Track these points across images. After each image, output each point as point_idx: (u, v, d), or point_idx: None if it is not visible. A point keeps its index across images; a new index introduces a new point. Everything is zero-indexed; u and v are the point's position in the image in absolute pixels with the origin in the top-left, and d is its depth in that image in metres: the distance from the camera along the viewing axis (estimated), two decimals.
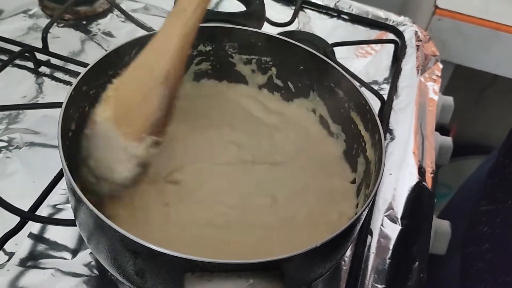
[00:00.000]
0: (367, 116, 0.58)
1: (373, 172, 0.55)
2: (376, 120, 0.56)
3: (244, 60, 0.67)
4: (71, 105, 0.52)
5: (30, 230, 0.58)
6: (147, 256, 0.43)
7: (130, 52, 0.59)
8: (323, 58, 0.63)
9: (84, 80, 0.55)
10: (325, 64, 0.63)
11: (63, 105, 0.51)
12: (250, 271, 0.41)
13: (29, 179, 0.64)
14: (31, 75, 0.77)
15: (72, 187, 0.45)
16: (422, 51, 0.92)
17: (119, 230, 0.42)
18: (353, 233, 0.52)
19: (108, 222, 0.42)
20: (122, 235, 0.42)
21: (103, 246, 0.47)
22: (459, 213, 0.87)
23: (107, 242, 0.45)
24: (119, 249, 0.44)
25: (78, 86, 0.54)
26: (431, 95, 0.85)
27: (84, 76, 0.54)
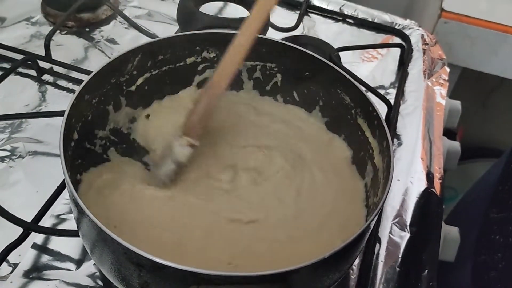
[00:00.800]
0: (375, 123, 0.57)
1: (381, 180, 0.54)
2: (384, 127, 0.55)
3: (249, 67, 0.66)
4: (74, 115, 0.52)
5: (34, 241, 0.58)
6: (152, 268, 0.42)
7: (133, 60, 0.59)
8: (329, 64, 0.62)
9: (86, 89, 0.54)
10: (331, 70, 0.62)
11: (65, 114, 0.50)
12: (257, 283, 0.41)
13: (32, 189, 0.63)
14: (34, 83, 0.76)
15: (75, 198, 0.44)
16: (429, 55, 0.91)
17: (122, 242, 0.41)
18: (361, 243, 0.51)
19: (111, 235, 0.41)
20: (125, 248, 0.41)
21: (106, 258, 0.46)
22: (468, 219, 0.85)
23: (111, 254, 0.44)
24: (123, 262, 0.44)
25: (81, 95, 0.53)
26: (438, 99, 0.84)
27: (86, 85, 0.54)
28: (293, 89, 0.67)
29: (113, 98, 0.59)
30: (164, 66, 0.63)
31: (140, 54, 0.59)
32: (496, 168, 0.87)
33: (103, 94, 0.57)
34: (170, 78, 0.64)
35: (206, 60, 0.65)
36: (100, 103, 0.57)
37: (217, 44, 0.64)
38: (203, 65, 0.65)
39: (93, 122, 0.57)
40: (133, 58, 0.59)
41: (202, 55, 0.65)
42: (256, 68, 0.66)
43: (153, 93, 0.64)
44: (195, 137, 0.56)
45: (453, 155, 0.83)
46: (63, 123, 0.49)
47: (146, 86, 0.62)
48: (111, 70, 0.57)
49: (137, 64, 0.60)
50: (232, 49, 0.56)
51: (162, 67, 0.63)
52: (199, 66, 0.65)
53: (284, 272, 0.41)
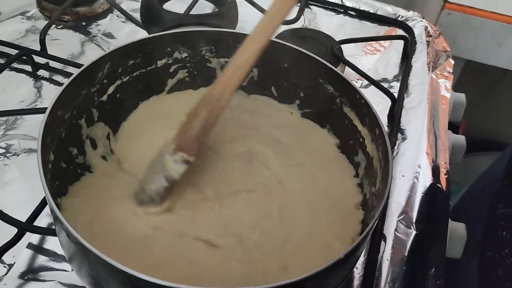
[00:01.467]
0: (363, 111, 0.56)
1: (378, 169, 0.53)
2: (375, 114, 0.53)
3: (223, 64, 0.64)
4: (47, 134, 0.49)
5: (29, 241, 0.56)
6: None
7: (103, 68, 0.57)
8: (308, 54, 0.60)
9: (58, 104, 0.51)
10: (310, 59, 0.60)
11: (40, 135, 0.47)
12: None
13: (27, 187, 0.62)
14: (29, 79, 0.75)
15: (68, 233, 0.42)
16: (433, 47, 0.89)
17: (127, 270, 0.39)
18: (366, 241, 0.50)
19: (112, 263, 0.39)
20: (132, 276, 0.39)
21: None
22: (473, 214, 0.84)
23: (114, 283, 0.42)
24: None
25: (53, 112, 0.50)
26: (443, 92, 0.82)
27: (58, 99, 0.50)
28: (271, 83, 0.65)
29: (85, 111, 0.57)
30: (135, 71, 0.61)
31: (110, 61, 0.57)
32: (501, 162, 0.85)
33: (76, 107, 0.54)
34: (142, 83, 0.62)
35: (177, 61, 0.63)
36: (73, 117, 0.55)
37: (188, 43, 0.62)
38: (175, 66, 0.64)
39: (67, 139, 0.54)
40: (103, 66, 0.57)
41: (173, 56, 0.63)
42: None
43: (125, 102, 0.62)
44: (191, 153, 0.52)
45: (458, 149, 0.81)
46: (39, 144, 0.47)
47: (117, 95, 0.60)
48: (82, 81, 0.55)
49: (107, 72, 0.57)
50: (238, 59, 0.52)
51: (133, 73, 0.60)
52: (171, 67, 0.64)
53: (297, 281, 0.39)
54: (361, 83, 0.80)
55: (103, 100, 0.59)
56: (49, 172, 0.49)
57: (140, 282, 0.39)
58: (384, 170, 0.50)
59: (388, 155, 0.49)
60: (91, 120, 0.58)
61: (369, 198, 0.55)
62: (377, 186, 0.52)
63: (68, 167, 0.55)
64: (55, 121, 0.51)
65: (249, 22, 0.87)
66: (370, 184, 0.55)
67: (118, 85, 0.60)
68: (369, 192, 0.55)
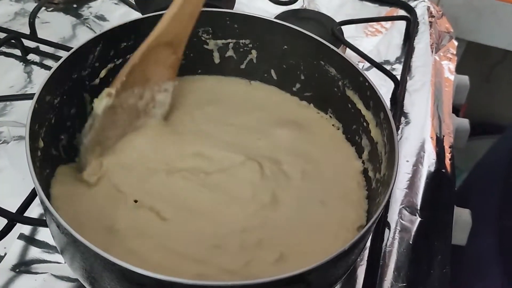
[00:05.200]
0: (367, 94, 0.54)
1: (383, 154, 0.51)
2: (380, 97, 0.51)
3: (220, 46, 0.62)
4: (36, 121, 0.47)
5: (21, 231, 0.55)
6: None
7: (94, 51, 0.55)
8: (308, 35, 0.58)
9: (46, 89, 0.49)
10: (311, 40, 0.58)
11: (27, 122, 0.45)
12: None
13: (18, 176, 0.60)
14: (19, 64, 0.73)
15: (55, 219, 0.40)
16: (436, 28, 0.87)
17: (121, 263, 0.37)
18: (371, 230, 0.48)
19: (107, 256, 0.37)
20: (125, 269, 0.37)
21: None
22: (483, 190, 0.83)
23: (107, 276, 0.40)
24: (117, 281, 0.40)
25: (41, 97, 0.48)
26: (447, 74, 0.81)
27: (46, 84, 0.49)
28: (270, 66, 0.63)
29: (77, 96, 0.55)
30: (128, 54, 0.58)
31: (101, 43, 0.55)
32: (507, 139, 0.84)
33: (65, 92, 0.52)
34: None
35: None
36: (63, 102, 0.52)
37: None
38: None
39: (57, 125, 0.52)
40: (94, 49, 0.54)
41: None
42: (229, 46, 0.62)
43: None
44: (113, 85, 0.52)
45: (462, 133, 0.80)
46: (27, 131, 0.45)
47: (110, 78, 0.57)
48: (71, 65, 0.52)
49: (98, 55, 0.55)
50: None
51: (126, 56, 0.58)
52: None
53: (303, 273, 0.38)
54: (362, 66, 0.78)
55: (95, 84, 0.57)
56: (39, 160, 0.47)
57: (135, 276, 0.37)
58: (390, 155, 0.48)
59: (394, 140, 0.47)
60: (83, 105, 0.56)
61: (373, 185, 0.53)
62: (382, 172, 0.50)
63: (59, 154, 0.53)
64: (44, 106, 0.49)
65: (248, 4, 0.86)
66: (374, 170, 0.53)
67: (110, 68, 0.57)
68: (373, 178, 0.53)
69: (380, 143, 0.52)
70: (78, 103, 0.55)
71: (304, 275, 0.38)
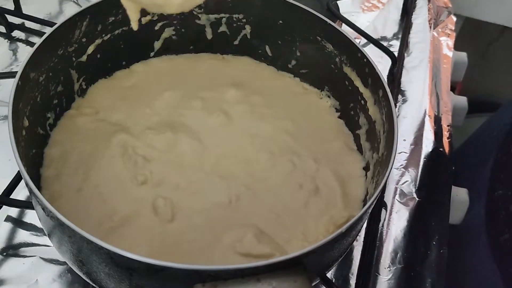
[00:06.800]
0: (365, 70, 0.52)
1: (381, 134, 0.50)
2: (378, 74, 0.50)
3: (213, 20, 0.60)
4: (19, 99, 0.45)
5: (8, 213, 0.53)
6: (145, 272, 0.37)
7: (80, 26, 0.53)
8: (304, 8, 0.56)
9: (31, 66, 0.47)
10: (307, 14, 0.56)
11: (10, 100, 0.44)
12: (270, 272, 0.36)
13: (4, 157, 0.57)
14: (3, 41, 0.71)
15: (31, 189, 0.39)
16: (434, 3, 0.85)
17: (109, 248, 0.36)
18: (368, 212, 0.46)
19: (97, 241, 0.36)
20: (112, 252, 0.36)
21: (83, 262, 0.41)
22: (478, 158, 0.82)
23: (95, 260, 0.39)
24: (109, 267, 0.38)
25: (25, 74, 0.46)
26: (445, 51, 0.79)
27: (29, 61, 0.47)
28: (265, 41, 0.61)
29: (63, 73, 0.53)
30: (116, 29, 0.56)
31: (88, 17, 0.53)
32: (510, 107, 0.84)
33: (51, 69, 0.51)
34: (126, 42, 0.58)
35: (163, 18, 0.59)
36: (49, 80, 0.51)
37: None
38: (161, 24, 0.60)
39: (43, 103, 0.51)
40: (80, 24, 0.52)
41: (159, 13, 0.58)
42: (222, 21, 0.60)
43: (108, 63, 0.58)
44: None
45: (460, 111, 0.78)
46: (10, 109, 0.43)
47: (98, 55, 0.56)
48: (56, 40, 0.51)
49: (85, 30, 0.53)
50: None
51: (114, 31, 0.56)
52: (156, 25, 0.59)
53: (299, 256, 0.37)
54: (359, 42, 0.75)
55: (82, 61, 0.55)
56: (24, 139, 0.46)
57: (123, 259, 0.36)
58: (389, 134, 0.47)
59: (393, 118, 0.46)
60: (70, 82, 0.54)
61: (371, 164, 0.52)
62: (380, 152, 0.49)
63: (46, 133, 0.52)
64: (28, 84, 0.47)
65: None
66: (372, 150, 0.52)
67: (98, 44, 0.56)
68: (371, 158, 0.52)
69: (378, 121, 0.51)
70: (64, 80, 0.54)
71: (300, 258, 0.37)
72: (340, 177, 0.52)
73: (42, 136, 0.51)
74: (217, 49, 0.63)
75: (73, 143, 0.53)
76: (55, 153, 0.52)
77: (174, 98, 0.58)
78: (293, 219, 0.49)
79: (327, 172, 0.52)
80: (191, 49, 0.62)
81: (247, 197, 0.50)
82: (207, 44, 0.62)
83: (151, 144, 0.53)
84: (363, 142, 0.54)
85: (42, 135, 0.51)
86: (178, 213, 0.48)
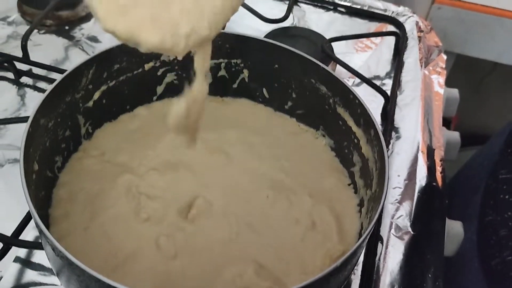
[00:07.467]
0: (358, 111, 0.55)
1: (374, 171, 0.52)
2: (369, 115, 0.52)
3: (212, 65, 0.63)
4: (30, 144, 0.48)
5: (16, 254, 0.55)
6: None
7: (87, 74, 0.55)
8: (298, 53, 0.59)
9: (41, 113, 0.50)
10: (301, 59, 0.59)
11: (22, 145, 0.46)
12: None
13: (13, 200, 0.60)
14: (12, 86, 0.73)
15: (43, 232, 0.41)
16: (425, 43, 0.87)
17: (117, 285, 0.37)
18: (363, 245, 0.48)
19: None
20: None
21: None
22: (470, 187, 0.84)
23: None
24: None
25: (35, 121, 0.49)
26: (437, 88, 0.81)
27: (40, 108, 0.49)
28: (262, 85, 0.64)
29: (71, 118, 0.56)
30: (121, 75, 0.59)
31: (94, 65, 0.55)
32: (500, 136, 0.86)
33: (59, 115, 0.53)
34: (130, 88, 0.61)
35: (165, 64, 0.62)
36: (57, 125, 0.53)
37: None
38: (163, 70, 0.62)
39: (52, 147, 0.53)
40: (87, 71, 0.55)
41: (161, 59, 0.61)
42: (221, 66, 0.63)
43: (113, 107, 0.61)
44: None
45: (452, 146, 0.80)
46: (22, 154, 0.45)
47: (104, 100, 0.59)
48: (65, 88, 0.53)
49: (91, 77, 0.56)
50: None
51: (119, 77, 0.59)
52: (159, 71, 0.62)
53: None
54: (353, 81, 0.78)
55: (89, 106, 0.58)
56: (33, 183, 0.48)
57: None
58: (381, 172, 0.49)
59: (384, 157, 0.48)
60: (77, 127, 0.57)
61: (365, 200, 0.54)
62: (373, 189, 0.51)
63: (54, 176, 0.54)
64: (38, 130, 0.50)
65: (238, 22, 0.86)
66: (365, 186, 0.54)
67: (103, 90, 0.58)
68: (365, 194, 0.54)
69: (371, 159, 0.53)
70: (72, 125, 0.56)
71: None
72: (335, 213, 0.54)
73: (51, 178, 0.54)
74: (217, 92, 0.65)
75: (80, 184, 0.55)
76: (63, 193, 0.54)
77: (176, 139, 0.60)
78: (291, 253, 0.50)
79: (323, 208, 0.54)
80: None
81: (246, 233, 0.52)
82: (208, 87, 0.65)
83: (154, 183, 0.55)
84: (357, 179, 0.56)
85: (51, 178, 0.54)
86: (180, 250, 0.50)
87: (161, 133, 0.60)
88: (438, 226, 0.64)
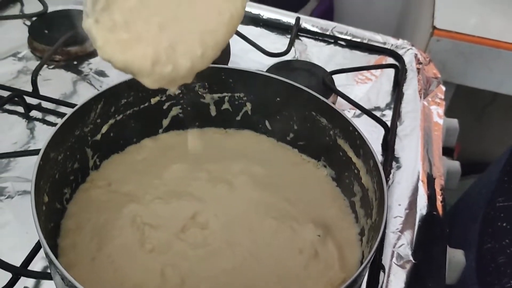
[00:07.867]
0: (357, 142, 0.56)
1: (374, 200, 0.53)
2: (368, 145, 0.54)
3: (216, 99, 0.65)
4: (41, 177, 0.49)
5: (25, 285, 0.55)
6: None
7: (95, 108, 0.57)
8: (299, 87, 0.61)
9: (51, 147, 0.51)
10: (302, 93, 0.61)
11: (33, 178, 0.48)
12: None
13: (22, 230, 0.61)
14: (21, 120, 0.74)
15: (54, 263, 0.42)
16: (424, 74, 0.89)
17: None
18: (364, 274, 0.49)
19: None
20: None
21: None
22: (469, 216, 0.85)
23: None
24: None
25: (46, 154, 0.50)
26: (436, 119, 0.83)
27: (50, 142, 0.51)
28: (264, 117, 0.66)
29: (79, 151, 0.58)
30: (128, 109, 0.61)
31: (103, 100, 0.57)
32: (497, 165, 0.87)
33: (68, 148, 0.55)
34: (137, 121, 0.63)
35: (171, 98, 0.64)
36: (66, 159, 0.55)
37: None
38: (169, 103, 0.64)
39: (61, 180, 0.55)
40: (96, 106, 0.57)
41: (166, 93, 0.63)
42: (224, 100, 0.65)
43: (120, 140, 0.63)
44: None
45: (453, 175, 0.81)
46: (33, 187, 0.47)
47: (111, 133, 0.61)
48: (74, 122, 0.55)
49: (100, 112, 0.58)
50: None
51: (126, 111, 0.61)
52: (165, 104, 0.64)
53: None
54: (353, 113, 0.80)
55: (97, 139, 0.59)
56: (43, 214, 0.49)
57: None
58: (380, 202, 0.50)
59: (383, 187, 0.49)
60: (85, 159, 0.58)
61: (366, 230, 0.55)
62: (374, 218, 0.52)
63: (63, 208, 0.55)
64: (48, 163, 0.51)
65: (241, 56, 0.88)
66: (366, 216, 0.55)
67: (111, 124, 0.60)
68: (365, 223, 0.55)
69: (370, 189, 0.54)
70: (80, 158, 0.58)
71: None
72: (337, 242, 0.55)
73: (60, 209, 0.55)
74: (221, 124, 0.67)
75: (87, 215, 0.56)
76: (71, 224, 0.55)
77: (182, 170, 0.62)
78: (294, 281, 0.51)
79: (326, 237, 0.55)
80: (196, 125, 0.67)
81: (250, 263, 0.53)
82: (212, 120, 0.67)
83: (158, 213, 0.57)
84: (358, 208, 0.58)
85: (59, 209, 0.55)
86: (186, 280, 0.51)
87: (167, 163, 0.62)
88: (439, 255, 0.64)
